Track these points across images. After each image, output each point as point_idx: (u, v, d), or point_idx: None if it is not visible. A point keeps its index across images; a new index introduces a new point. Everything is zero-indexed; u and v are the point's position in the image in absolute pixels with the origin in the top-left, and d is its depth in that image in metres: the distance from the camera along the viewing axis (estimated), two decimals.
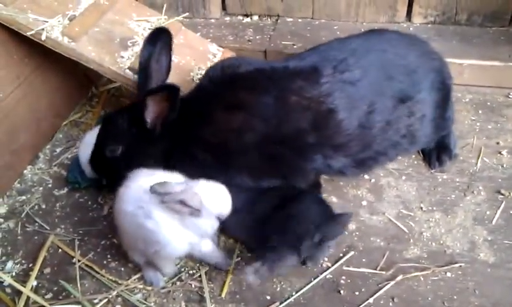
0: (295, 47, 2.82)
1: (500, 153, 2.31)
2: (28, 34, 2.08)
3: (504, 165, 2.24)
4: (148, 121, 1.92)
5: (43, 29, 2.08)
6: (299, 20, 3.09)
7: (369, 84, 1.93)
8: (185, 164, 1.90)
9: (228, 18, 3.18)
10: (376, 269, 1.87)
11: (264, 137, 1.89)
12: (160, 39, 2.01)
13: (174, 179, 1.70)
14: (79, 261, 1.94)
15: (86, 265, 1.93)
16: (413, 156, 2.32)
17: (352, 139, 1.93)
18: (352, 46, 2.01)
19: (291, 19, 3.10)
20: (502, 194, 2.11)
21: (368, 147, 1.97)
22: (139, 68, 2.02)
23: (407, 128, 2.01)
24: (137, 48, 2.24)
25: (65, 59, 2.14)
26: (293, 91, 1.89)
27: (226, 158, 1.90)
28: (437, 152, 2.27)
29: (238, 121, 1.91)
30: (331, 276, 1.86)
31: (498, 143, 2.36)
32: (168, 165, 1.87)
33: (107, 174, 2.12)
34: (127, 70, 2.13)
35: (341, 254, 1.93)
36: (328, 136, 1.91)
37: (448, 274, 1.84)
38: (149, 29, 2.38)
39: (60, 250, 2.00)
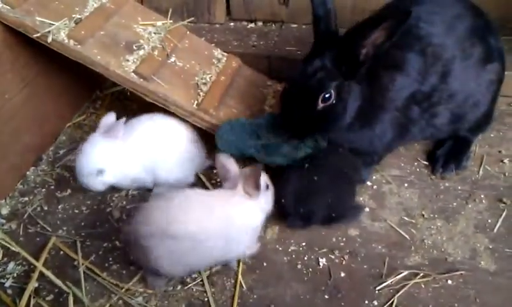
0: (299, 53, 2.82)
1: (502, 161, 2.31)
2: (34, 36, 2.08)
3: (506, 174, 2.24)
4: (363, 52, 1.79)
5: (49, 32, 2.09)
6: (304, 27, 3.09)
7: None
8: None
9: (232, 24, 3.19)
10: (377, 276, 1.88)
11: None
12: None
13: None
14: (82, 264, 1.94)
15: (88, 268, 1.93)
16: (415, 163, 2.33)
17: None
18: None
19: (295, 25, 3.11)
20: (504, 203, 2.11)
21: None
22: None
23: None
24: (142, 52, 2.25)
25: (70, 62, 2.14)
26: None
27: None
28: (445, 158, 2.26)
29: None
30: (332, 282, 1.86)
31: (500, 152, 2.36)
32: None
33: (315, 129, 1.98)
34: (132, 74, 2.14)
35: (343, 260, 1.93)
36: None
37: (449, 282, 1.84)
38: (154, 33, 2.39)
39: (62, 252, 2.00)
